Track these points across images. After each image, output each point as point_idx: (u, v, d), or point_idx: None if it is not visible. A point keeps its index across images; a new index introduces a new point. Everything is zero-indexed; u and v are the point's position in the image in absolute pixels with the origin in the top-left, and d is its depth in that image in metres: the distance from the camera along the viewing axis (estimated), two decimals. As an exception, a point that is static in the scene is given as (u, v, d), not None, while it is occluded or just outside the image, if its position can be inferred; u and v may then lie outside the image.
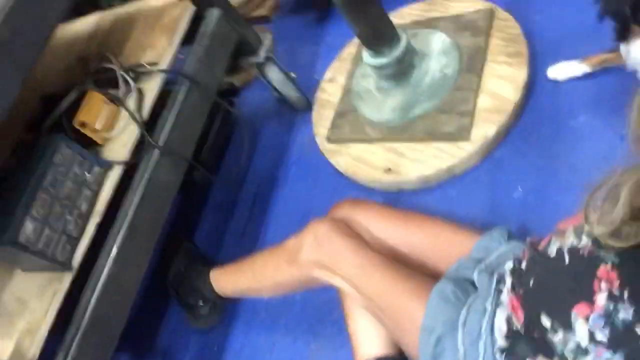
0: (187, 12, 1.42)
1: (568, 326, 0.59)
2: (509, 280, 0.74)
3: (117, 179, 1.16)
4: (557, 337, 0.61)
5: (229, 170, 1.82)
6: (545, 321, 0.62)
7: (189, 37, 1.41)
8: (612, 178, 0.57)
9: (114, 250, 1.09)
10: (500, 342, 0.72)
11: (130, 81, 1.29)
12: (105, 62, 1.34)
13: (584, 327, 0.57)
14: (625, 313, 0.54)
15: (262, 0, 2.12)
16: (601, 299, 0.56)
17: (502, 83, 1.35)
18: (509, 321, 0.71)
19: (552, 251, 0.65)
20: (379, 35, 1.34)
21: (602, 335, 0.56)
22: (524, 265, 0.72)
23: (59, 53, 1.56)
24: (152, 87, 1.30)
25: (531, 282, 0.67)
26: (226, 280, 1.33)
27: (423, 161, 1.36)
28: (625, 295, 0.54)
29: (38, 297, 1.06)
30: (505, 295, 0.73)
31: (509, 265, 0.76)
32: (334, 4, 1.27)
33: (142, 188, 1.16)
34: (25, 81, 0.97)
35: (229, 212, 1.70)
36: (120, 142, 1.22)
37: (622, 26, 1.09)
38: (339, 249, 1.01)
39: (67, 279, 1.06)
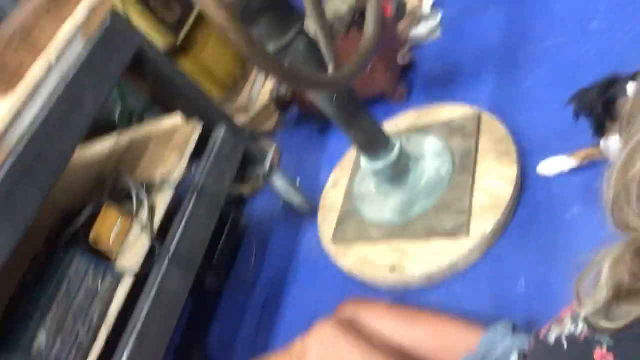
0: (196, 130, 1.55)
1: None
2: None
3: (128, 289, 1.21)
4: None
5: (239, 276, 1.85)
6: None
7: (199, 152, 1.52)
8: (596, 259, 0.61)
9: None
10: None
11: (143, 196, 1.37)
12: (121, 179, 1.44)
13: None
14: None
15: (267, 117, 2.28)
16: None
17: (495, 180, 1.42)
18: None
19: (552, 339, 0.67)
20: (372, 142, 1.44)
21: None
22: (529, 357, 0.73)
23: (78, 172, 1.68)
24: (163, 200, 1.38)
25: None
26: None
27: (426, 259, 1.40)
28: None
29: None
30: None
31: (514, 358, 0.77)
32: (329, 116, 1.39)
33: (152, 297, 1.20)
34: (45, 200, 1.06)
35: (239, 318, 1.71)
36: (132, 253, 1.28)
37: (597, 124, 1.18)
38: (344, 351, 1.02)
39: (76, 390, 1.06)
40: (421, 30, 2.07)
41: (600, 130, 1.18)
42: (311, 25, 1.05)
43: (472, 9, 2.04)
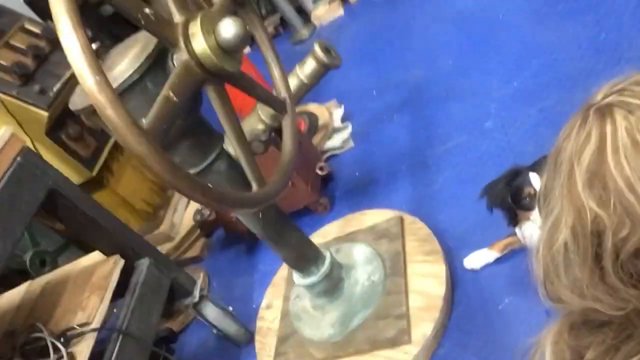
0: (117, 266, 1.46)
1: None
2: None
3: None
4: None
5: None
6: None
7: (122, 290, 1.43)
8: (538, 341, 0.61)
9: None
10: None
11: (61, 347, 1.25)
12: (34, 331, 1.31)
13: None
14: None
15: (192, 242, 2.23)
16: None
17: (427, 280, 1.44)
18: None
19: None
20: (303, 257, 1.42)
21: None
22: None
23: (-16, 331, 1.50)
24: (84, 349, 1.26)
25: None
26: None
27: (373, 372, 1.35)
28: None
29: None
30: None
31: None
32: (257, 235, 1.37)
33: None
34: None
35: None
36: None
37: (509, 214, 1.25)
38: None
39: None
40: (335, 141, 2.17)
41: (514, 220, 1.25)
42: (231, 145, 1.07)
43: (379, 119, 2.19)
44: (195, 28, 0.92)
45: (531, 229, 1.20)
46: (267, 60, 1.24)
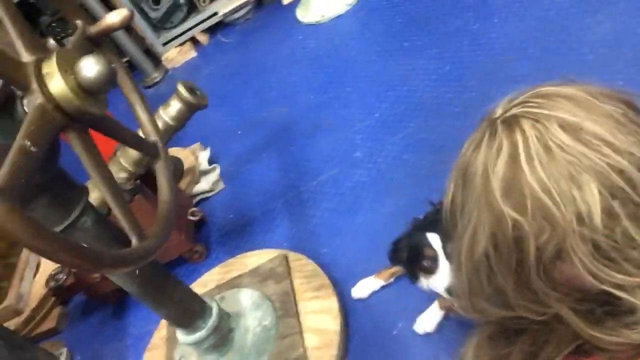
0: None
1: None
2: None
3: None
4: None
5: None
6: None
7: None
8: (462, 354, 0.61)
9: None
10: None
11: None
12: None
13: None
14: None
15: (46, 312, 1.94)
16: None
17: (320, 317, 1.40)
18: None
19: None
20: (188, 312, 1.30)
21: None
22: None
23: None
24: None
25: None
26: None
27: None
28: None
29: None
30: None
31: None
32: (131, 295, 1.23)
33: None
34: None
35: None
36: None
37: (411, 272, 1.27)
38: None
39: None
40: (204, 185, 2.07)
41: (415, 277, 1.27)
42: (96, 196, 0.94)
43: (248, 158, 2.14)
44: (51, 67, 0.80)
45: (436, 282, 1.19)
46: (130, 102, 1.13)
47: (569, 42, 1.69)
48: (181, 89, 1.51)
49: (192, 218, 1.87)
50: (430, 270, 1.17)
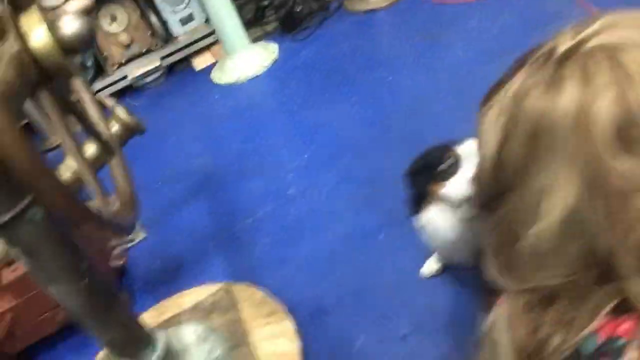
0: None
1: None
2: None
3: None
4: None
5: None
6: None
7: None
8: (489, 334, 0.58)
9: None
10: None
11: None
12: None
13: None
14: None
15: None
16: None
17: (276, 341, 1.32)
18: None
19: None
20: (134, 339, 1.16)
21: None
22: None
23: None
24: None
25: None
26: None
27: None
28: None
29: None
30: None
31: None
32: (74, 316, 1.07)
33: None
34: None
35: None
36: None
37: (419, 194, 1.16)
38: None
39: None
40: (123, 235, 1.93)
41: (419, 203, 1.16)
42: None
43: (173, 207, 2.05)
44: (32, 19, 0.76)
45: (433, 213, 1.13)
46: (82, 100, 1.07)
47: (476, 84, 1.90)
48: (119, 111, 1.44)
49: (114, 266, 1.71)
50: (448, 175, 1.05)
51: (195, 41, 3.00)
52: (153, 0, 2.93)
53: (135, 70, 2.95)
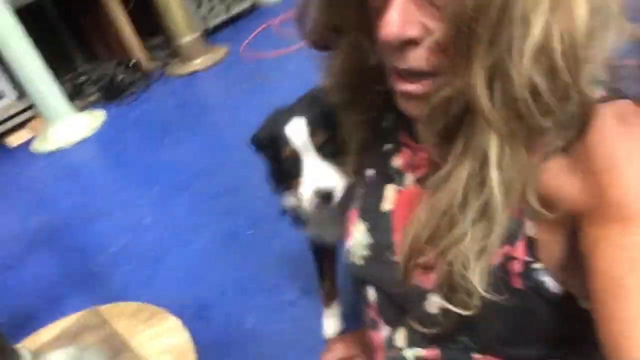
0: None
1: None
2: None
3: None
4: None
5: None
6: None
7: None
8: None
9: None
10: None
11: None
12: None
13: None
14: None
15: None
16: None
17: (164, 339, 1.26)
18: None
19: None
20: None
21: None
22: None
23: None
24: None
25: None
26: None
27: None
28: None
29: None
30: None
31: None
32: None
33: None
34: None
35: None
36: None
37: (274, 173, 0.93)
38: None
39: None
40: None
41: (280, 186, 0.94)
42: None
43: (7, 267, 1.83)
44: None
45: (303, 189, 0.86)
46: None
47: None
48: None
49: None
50: (293, 175, 0.86)
51: (7, 119, 2.82)
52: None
53: None
